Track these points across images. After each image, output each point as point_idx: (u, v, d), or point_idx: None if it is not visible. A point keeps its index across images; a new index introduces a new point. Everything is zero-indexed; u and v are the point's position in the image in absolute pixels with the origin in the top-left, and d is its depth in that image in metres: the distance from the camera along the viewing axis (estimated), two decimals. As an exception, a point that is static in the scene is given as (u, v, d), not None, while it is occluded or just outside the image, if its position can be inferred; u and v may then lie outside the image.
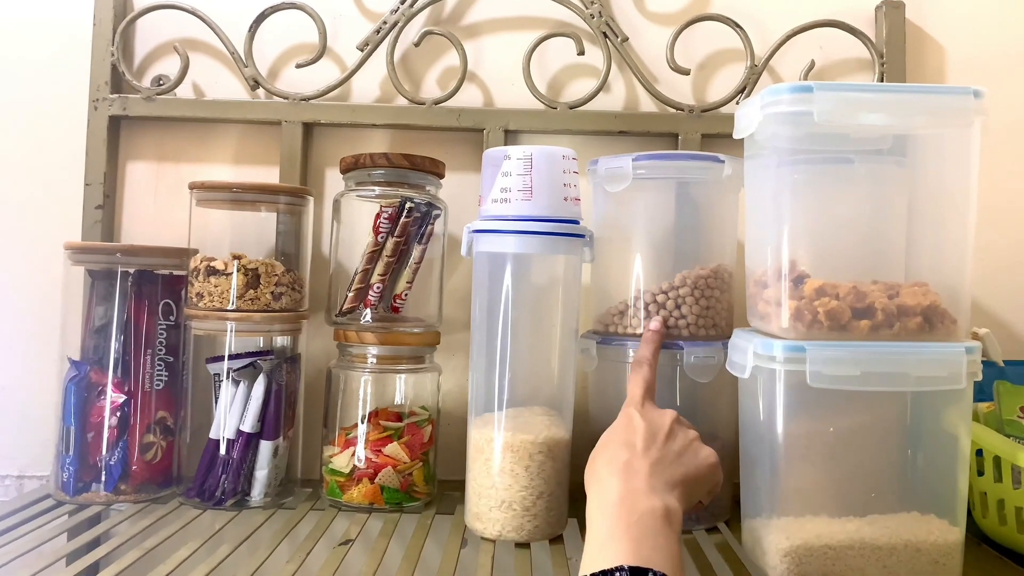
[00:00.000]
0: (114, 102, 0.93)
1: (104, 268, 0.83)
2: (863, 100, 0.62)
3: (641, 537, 0.53)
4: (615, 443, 0.63)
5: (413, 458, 0.80)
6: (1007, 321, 0.94)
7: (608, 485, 0.58)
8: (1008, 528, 0.69)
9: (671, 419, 0.65)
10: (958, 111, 0.62)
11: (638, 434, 0.63)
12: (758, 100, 0.64)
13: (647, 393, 0.68)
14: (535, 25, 0.96)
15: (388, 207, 0.83)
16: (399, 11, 0.93)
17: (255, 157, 0.96)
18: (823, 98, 0.60)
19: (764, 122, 0.64)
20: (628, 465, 0.60)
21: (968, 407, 0.64)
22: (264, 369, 0.82)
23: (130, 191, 0.96)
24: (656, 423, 0.65)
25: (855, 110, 0.62)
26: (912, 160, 0.67)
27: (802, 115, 0.61)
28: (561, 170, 0.72)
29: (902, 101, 0.62)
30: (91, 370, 0.81)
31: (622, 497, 0.56)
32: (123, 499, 0.80)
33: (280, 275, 0.82)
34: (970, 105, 0.61)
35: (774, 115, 0.63)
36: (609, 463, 0.61)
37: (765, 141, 0.66)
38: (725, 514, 0.78)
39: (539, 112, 0.93)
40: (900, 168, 0.68)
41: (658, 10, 0.97)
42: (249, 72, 0.94)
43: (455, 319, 0.93)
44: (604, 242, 0.79)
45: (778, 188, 0.64)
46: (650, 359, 0.71)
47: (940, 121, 0.64)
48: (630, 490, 0.57)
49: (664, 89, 0.94)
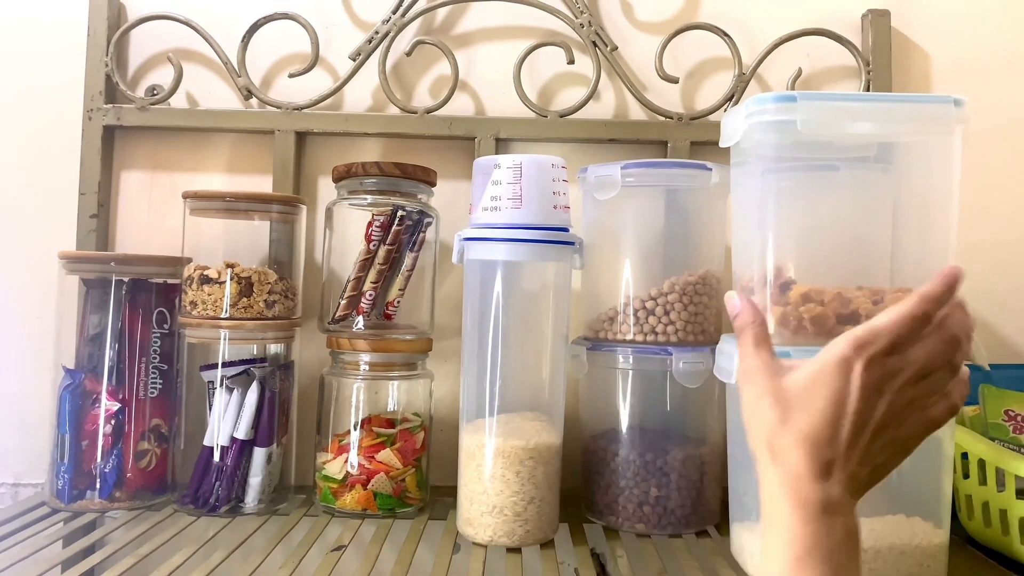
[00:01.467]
0: (108, 112, 0.94)
1: (98, 277, 0.83)
2: (846, 109, 0.63)
3: (830, 567, 0.45)
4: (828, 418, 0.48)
5: (406, 464, 0.81)
6: (992, 324, 0.95)
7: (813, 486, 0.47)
8: (993, 530, 0.70)
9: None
10: (940, 119, 0.63)
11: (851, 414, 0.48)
12: (743, 109, 0.65)
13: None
14: (526, 34, 0.97)
15: (380, 215, 0.84)
16: (391, 21, 0.94)
17: (248, 166, 0.97)
18: (807, 107, 0.61)
19: (749, 131, 0.64)
20: (837, 465, 0.48)
21: (952, 411, 0.64)
22: (257, 376, 0.82)
23: (124, 200, 0.97)
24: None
25: (838, 119, 0.62)
26: (896, 167, 0.68)
27: (786, 124, 0.62)
28: (550, 178, 0.73)
29: (884, 110, 0.63)
30: (86, 378, 0.81)
31: (825, 508, 0.47)
32: (118, 506, 0.80)
33: (273, 283, 0.83)
34: (951, 113, 0.62)
35: (759, 124, 0.63)
36: (813, 450, 0.48)
37: (750, 149, 0.67)
38: (714, 518, 0.79)
39: (530, 120, 0.94)
40: (885, 174, 0.69)
41: (647, 19, 0.98)
42: (242, 82, 0.94)
43: (447, 326, 0.94)
44: (594, 249, 0.80)
45: (763, 195, 0.65)
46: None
47: (922, 129, 0.64)
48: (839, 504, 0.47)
49: (653, 97, 0.95)
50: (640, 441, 0.77)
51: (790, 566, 0.45)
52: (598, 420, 0.82)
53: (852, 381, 0.48)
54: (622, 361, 0.78)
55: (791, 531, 0.46)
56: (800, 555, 0.45)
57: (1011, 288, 0.96)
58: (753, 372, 0.52)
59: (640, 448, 0.77)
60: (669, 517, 0.76)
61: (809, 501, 0.47)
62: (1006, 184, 0.97)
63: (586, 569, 0.67)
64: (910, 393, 0.49)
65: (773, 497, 0.48)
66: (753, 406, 0.51)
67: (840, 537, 0.46)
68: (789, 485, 0.47)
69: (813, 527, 0.46)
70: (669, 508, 0.76)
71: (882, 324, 0.49)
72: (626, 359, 0.78)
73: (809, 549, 0.45)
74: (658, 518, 0.76)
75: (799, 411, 0.49)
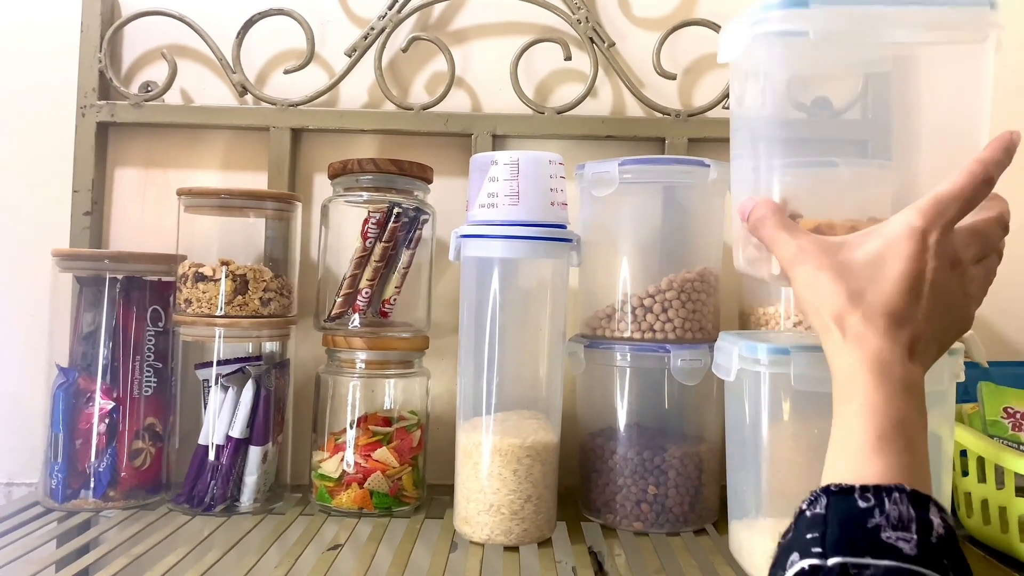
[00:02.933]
0: (102, 108, 0.93)
1: (92, 275, 0.83)
2: (867, 15, 0.54)
3: (912, 447, 0.44)
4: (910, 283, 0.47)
5: (402, 463, 0.80)
6: (990, 322, 0.95)
7: (891, 354, 0.46)
8: (992, 528, 0.70)
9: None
10: (974, 22, 0.55)
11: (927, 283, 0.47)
12: (748, 17, 0.57)
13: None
14: (522, 31, 0.96)
15: (376, 212, 0.83)
16: (387, 17, 0.94)
17: (243, 163, 0.96)
18: (822, 15, 0.53)
19: (753, 44, 0.56)
20: (917, 339, 0.47)
21: (951, 408, 0.64)
22: (253, 375, 0.82)
23: (118, 197, 0.96)
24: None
25: (858, 27, 0.55)
26: (917, 81, 0.61)
27: (797, 35, 0.54)
28: (547, 175, 0.73)
29: (911, 15, 0.54)
30: (79, 377, 0.81)
31: (907, 387, 0.45)
32: (112, 506, 0.79)
33: (268, 281, 0.82)
34: (987, 17, 0.55)
35: (764, 36, 0.55)
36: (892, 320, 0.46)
37: (754, 68, 0.59)
38: (712, 516, 0.79)
39: (527, 117, 0.94)
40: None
41: (644, 15, 0.98)
42: (237, 78, 0.94)
43: (444, 323, 0.93)
44: (591, 246, 0.80)
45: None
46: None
47: (953, 37, 0.56)
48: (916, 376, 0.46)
49: (651, 94, 0.95)
50: (638, 439, 0.77)
51: (871, 445, 0.43)
52: (596, 418, 0.81)
53: (928, 251, 0.46)
54: (620, 359, 0.78)
55: (872, 407, 0.44)
56: (883, 432, 0.43)
57: (1010, 285, 0.95)
58: (802, 252, 0.49)
59: (638, 446, 0.76)
60: (667, 515, 0.76)
61: (894, 378, 0.45)
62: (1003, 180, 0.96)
63: (584, 567, 0.67)
64: (974, 271, 0.48)
65: (849, 376, 0.46)
66: (811, 286, 0.48)
67: (919, 415, 0.45)
68: (871, 362, 0.45)
69: (898, 403, 0.44)
70: (667, 506, 0.76)
71: (949, 192, 0.47)
72: (624, 357, 0.78)
73: (894, 425, 0.43)
74: (656, 516, 0.76)
75: (872, 287, 0.46)
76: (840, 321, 0.47)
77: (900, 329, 0.46)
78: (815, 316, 0.49)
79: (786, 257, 0.51)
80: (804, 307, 0.50)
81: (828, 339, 0.48)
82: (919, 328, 0.46)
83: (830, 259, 0.48)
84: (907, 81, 0.61)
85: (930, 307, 0.46)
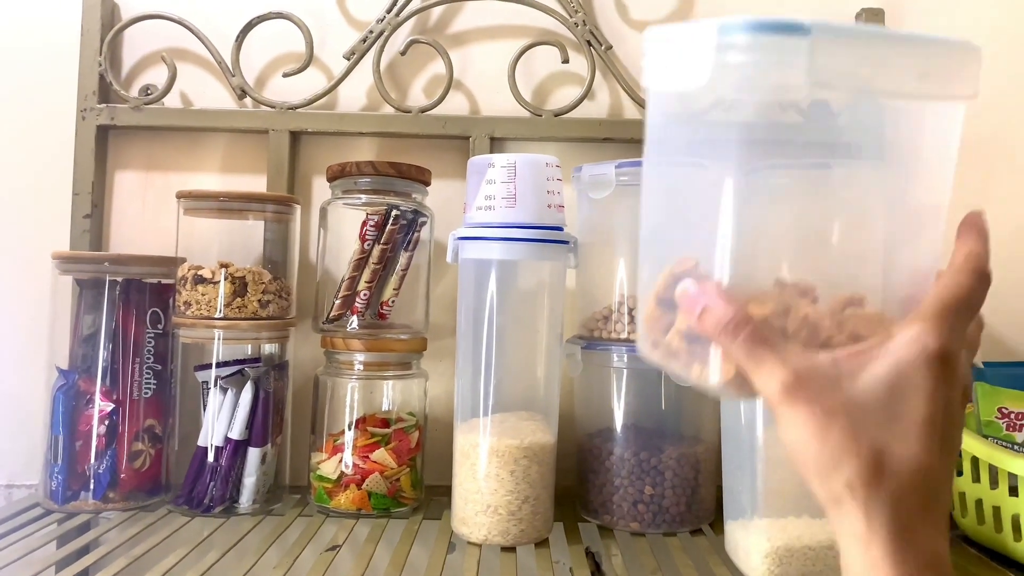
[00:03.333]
0: (102, 112, 0.94)
1: (92, 277, 0.83)
2: (876, 51, 0.42)
3: None
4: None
5: (400, 464, 0.80)
6: (985, 322, 0.95)
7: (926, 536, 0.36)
8: (987, 527, 0.70)
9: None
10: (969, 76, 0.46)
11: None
12: (711, 36, 0.39)
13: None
14: (520, 34, 0.97)
15: (375, 215, 0.83)
16: (385, 20, 0.94)
17: (243, 166, 0.97)
18: (824, 46, 0.39)
19: (719, 74, 0.40)
20: (946, 505, 0.37)
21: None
22: (252, 376, 0.82)
23: (118, 200, 0.97)
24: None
25: (861, 65, 0.41)
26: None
27: (787, 68, 0.39)
28: (544, 177, 0.73)
29: (922, 54, 0.44)
30: (79, 379, 0.81)
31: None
32: (112, 507, 0.80)
33: (267, 283, 0.82)
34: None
35: (737, 66, 0.39)
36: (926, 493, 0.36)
37: (714, 103, 0.45)
38: (708, 516, 0.79)
39: (524, 120, 0.94)
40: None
41: (641, 18, 0.98)
42: (236, 81, 0.94)
43: (442, 325, 0.94)
44: (588, 248, 0.80)
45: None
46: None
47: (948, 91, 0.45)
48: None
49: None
50: (635, 440, 0.77)
51: None
52: (593, 419, 0.82)
53: (948, 381, 0.36)
54: (617, 360, 0.78)
55: None
56: None
57: (1004, 285, 0.96)
58: (802, 385, 0.36)
59: (635, 447, 0.77)
60: (664, 515, 0.76)
61: (921, 564, 0.35)
62: (997, 182, 0.97)
63: (581, 568, 0.67)
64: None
65: (869, 564, 0.35)
66: (817, 436, 0.36)
67: None
68: (896, 543, 0.34)
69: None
70: (664, 507, 0.76)
71: (955, 297, 0.38)
72: (621, 358, 0.78)
73: None
74: (652, 516, 0.76)
75: (894, 443, 0.35)
76: (860, 496, 0.35)
77: (935, 504, 0.36)
78: (820, 481, 0.37)
79: (775, 390, 0.37)
80: (801, 461, 0.37)
81: (840, 515, 0.37)
82: (947, 487, 0.37)
83: (840, 397, 0.36)
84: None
85: (951, 450, 0.37)
